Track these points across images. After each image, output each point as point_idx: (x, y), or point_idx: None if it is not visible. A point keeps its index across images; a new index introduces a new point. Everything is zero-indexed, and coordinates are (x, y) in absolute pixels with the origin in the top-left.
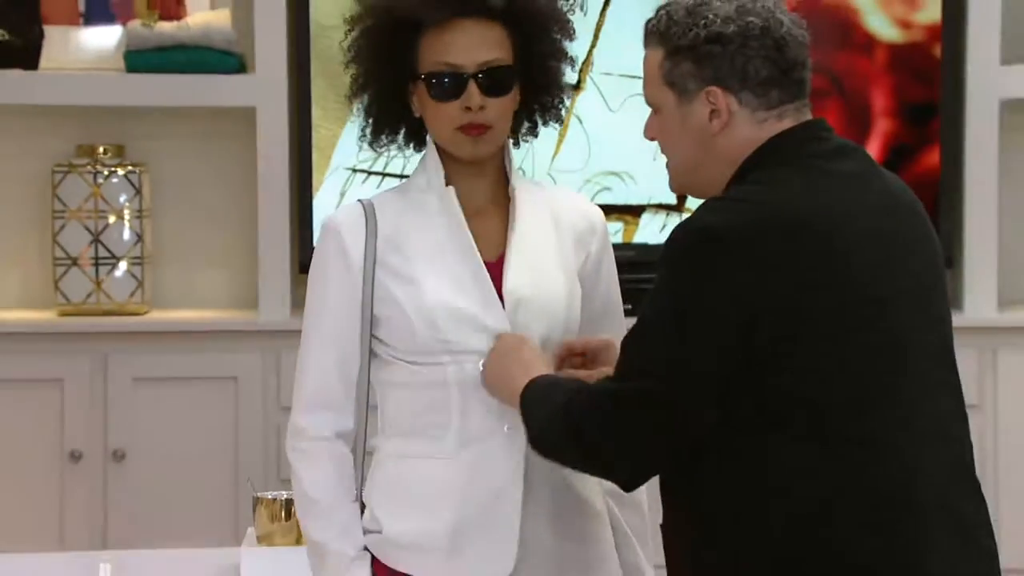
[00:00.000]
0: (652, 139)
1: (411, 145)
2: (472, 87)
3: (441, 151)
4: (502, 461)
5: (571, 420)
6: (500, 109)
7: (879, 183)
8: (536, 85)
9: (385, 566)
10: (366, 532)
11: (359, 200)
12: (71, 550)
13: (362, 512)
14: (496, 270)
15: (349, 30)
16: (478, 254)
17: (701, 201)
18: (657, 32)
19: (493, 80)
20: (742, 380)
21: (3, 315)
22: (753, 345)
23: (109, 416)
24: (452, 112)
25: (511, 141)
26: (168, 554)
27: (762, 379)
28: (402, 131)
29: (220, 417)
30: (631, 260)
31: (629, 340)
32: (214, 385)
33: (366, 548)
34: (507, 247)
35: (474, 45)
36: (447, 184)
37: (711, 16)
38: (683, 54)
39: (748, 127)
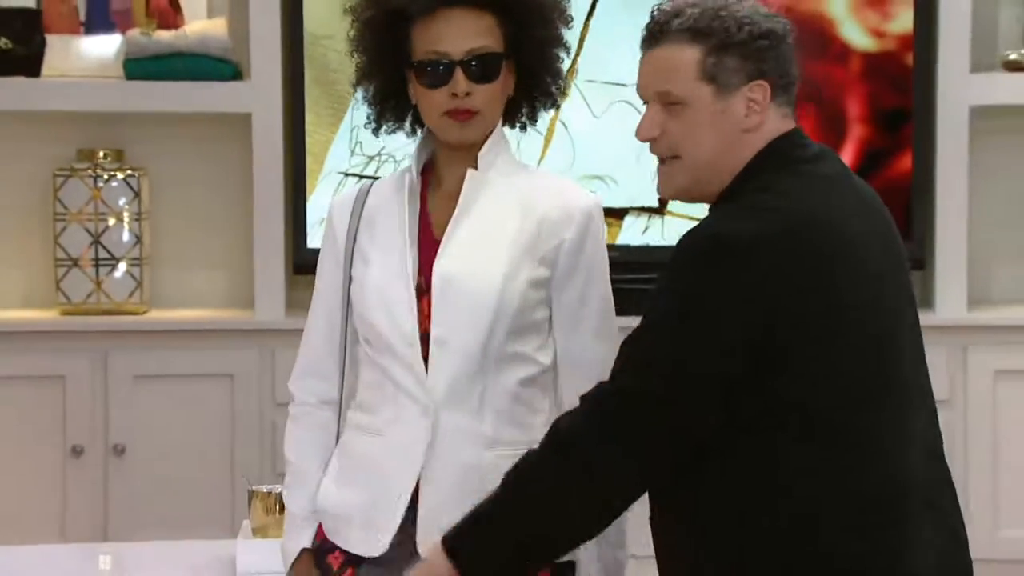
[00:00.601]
0: (649, 139)
1: (416, 131)
2: (459, 74)
3: (433, 136)
4: (426, 445)
5: (557, 441)
6: (487, 95)
7: (853, 184)
8: (530, 71)
9: (323, 531)
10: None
11: (363, 184)
12: (72, 542)
13: None
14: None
15: (353, 21)
16: (408, 242)
17: (680, 203)
18: (691, 30)
19: (480, 67)
20: (746, 383)
21: (6, 314)
22: (757, 348)
23: (109, 412)
24: (440, 98)
25: (505, 126)
26: (166, 546)
27: (765, 382)
28: (405, 118)
29: (217, 413)
30: (614, 261)
31: (630, 341)
32: (211, 382)
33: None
34: (448, 228)
35: (461, 33)
36: (430, 167)
37: (746, 14)
38: (731, 50)
39: (773, 123)
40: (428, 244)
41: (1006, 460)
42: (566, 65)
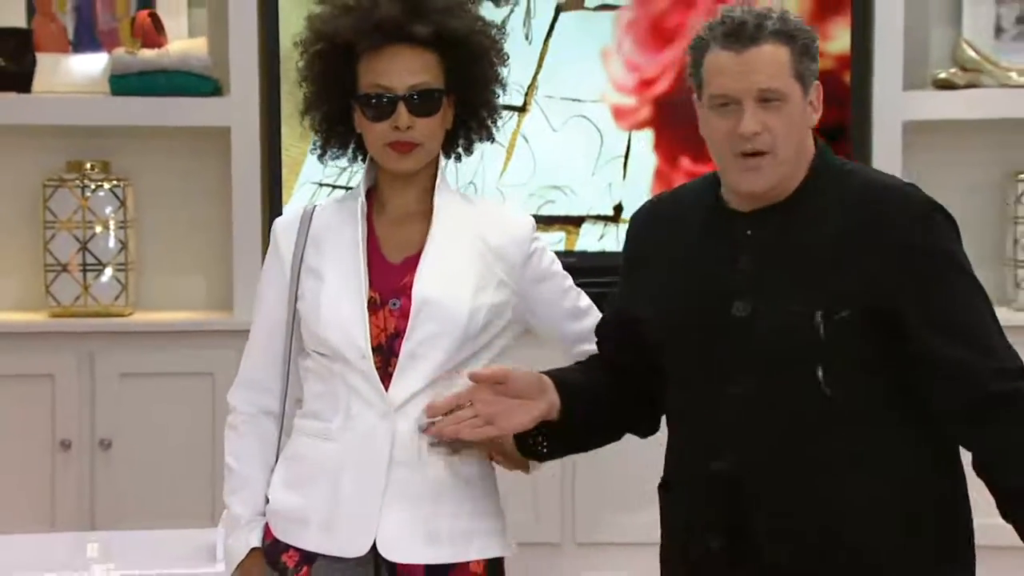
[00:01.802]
0: (757, 133)
1: (358, 158)
2: (401, 108)
3: (376, 163)
4: (382, 448)
5: None
6: (428, 128)
7: None
8: (468, 106)
9: (272, 533)
10: (268, 501)
11: (307, 205)
12: (62, 531)
13: None
14: (400, 271)
15: (301, 53)
16: (363, 264)
17: (623, 210)
18: (783, 32)
19: (421, 102)
20: None
21: None
22: None
23: (96, 408)
24: (383, 130)
25: (443, 156)
26: (150, 534)
27: None
28: (349, 145)
29: (198, 409)
30: (573, 266)
31: (979, 338)
32: (192, 380)
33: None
34: (422, 252)
35: (404, 70)
36: (373, 193)
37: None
38: (810, 51)
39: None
40: (380, 264)
41: None
42: (496, 99)
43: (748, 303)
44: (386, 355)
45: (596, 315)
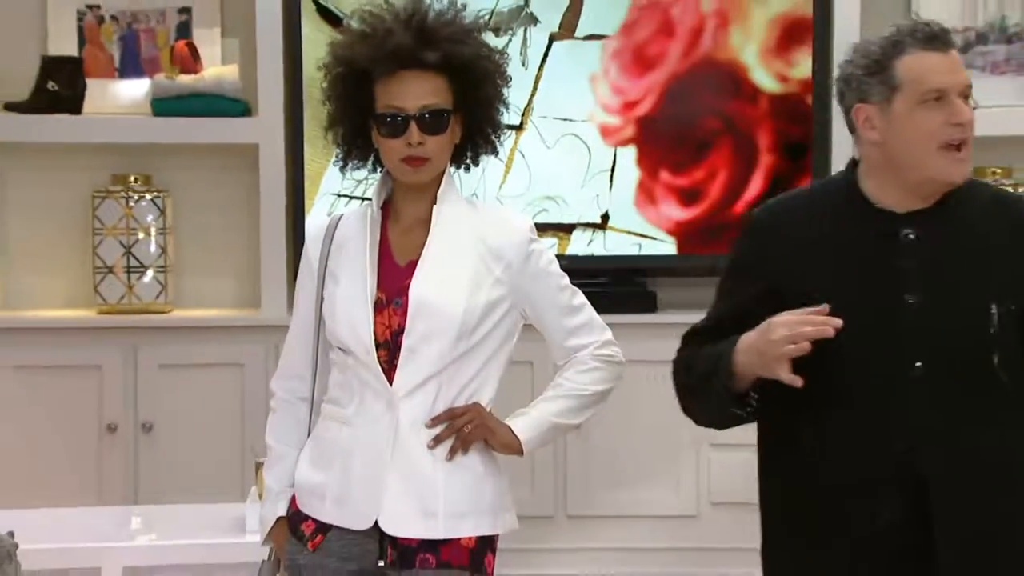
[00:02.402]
0: (970, 120)
1: (376, 169)
2: (413, 127)
3: (391, 175)
4: (384, 442)
5: None
6: (437, 145)
7: None
8: (474, 123)
9: (296, 504)
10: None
11: (335, 214)
12: (108, 505)
13: None
14: (404, 273)
15: (324, 75)
16: (369, 267)
17: (619, 220)
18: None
19: (431, 121)
20: None
21: (52, 313)
22: None
23: (139, 395)
24: (397, 146)
25: (452, 168)
26: (187, 508)
27: None
28: (368, 158)
29: (229, 396)
30: (564, 268)
31: None
32: (224, 370)
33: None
34: (420, 256)
35: (416, 92)
36: (389, 203)
37: None
38: None
39: None
40: (389, 267)
41: None
42: (510, 107)
43: (918, 296)
44: (392, 350)
45: (589, 312)
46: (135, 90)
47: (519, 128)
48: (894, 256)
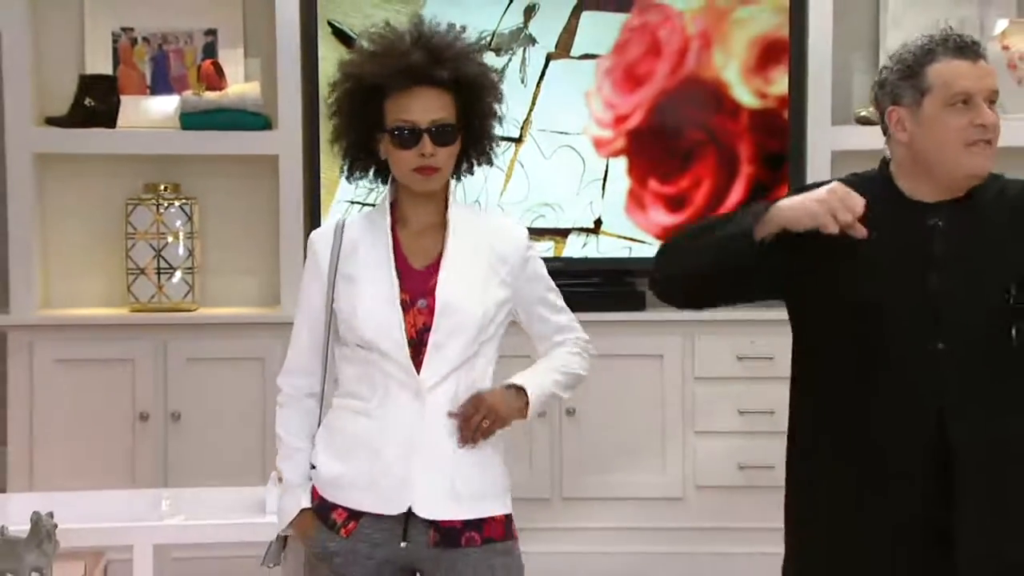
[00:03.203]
0: (994, 123)
1: (379, 179)
2: (425, 139)
3: (400, 184)
4: (411, 430)
5: None
6: (446, 155)
7: None
8: (473, 137)
9: (319, 494)
10: (312, 467)
11: (338, 219)
12: (140, 488)
13: None
14: (424, 276)
15: (331, 90)
16: (394, 271)
17: (611, 224)
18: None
19: (441, 134)
20: None
21: (89, 311)
22: None
23: (168, 387)
24: (410, 157)
25: (453, 178)
26: (212, 491)
27: None
28: (371, 169)
29: (251, 388)
30: (560, 270)
31: None
32: (246, 364)
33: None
34: (441, 259)
35: (427, 107)
36: (397, 209)
37: None
38: None
39: None
40: (407, 270)
41: None
42: (496, 131)
43: (944, 277)
44: (417, 346)
45: (569, 312)
46: (165, 106)
47: (519, 140)
48: (924, 242)
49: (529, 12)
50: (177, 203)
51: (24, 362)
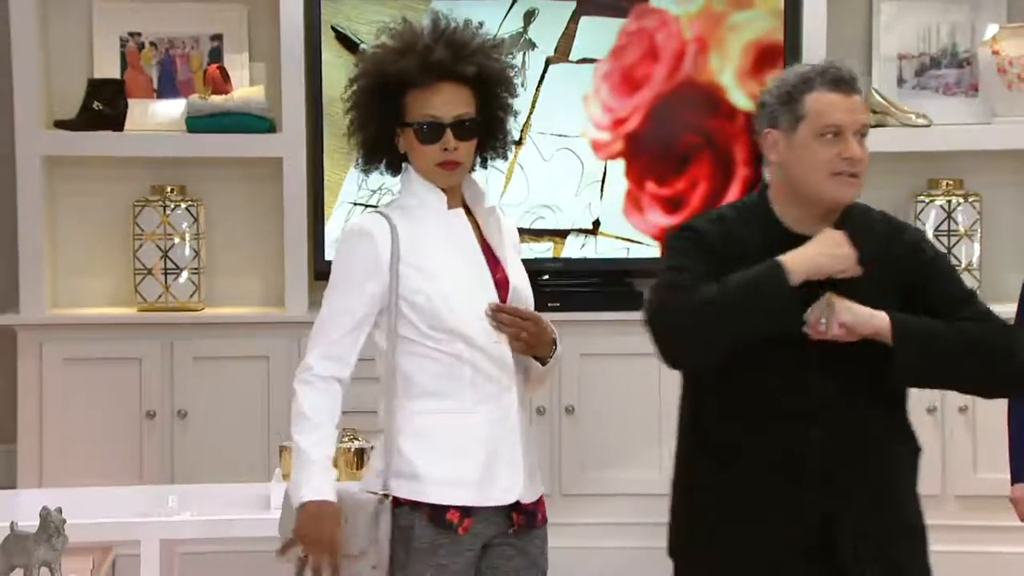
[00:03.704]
0: (861, 159)
1: (389, 172)
2: (449, 134)
3: (414, 177)
4: (506, 417)
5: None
6: (467, 149)
7: None
8: (491, 132)
9: (412, 501)
10: (396, 475)
11: (378, 212)
12: (147, 484)
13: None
14: (490, 264)
15: (350, 84)
16: (484, 259)
17: (608, 225)
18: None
19: (464, 129)
20: None
21: (97, 311)
22: None
23: (175, 385)
24: (434, 152)
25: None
26: (218, 487)
27: None
28: (382, 162)
29: (256, 386)
30: (559, 270)
31: (973, 298)
32: (251, 362)
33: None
34: (500, 250)
35: (450, 102)
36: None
37: None
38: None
39: None
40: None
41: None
42: (512, 125)
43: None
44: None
45: None
46: (172, 109)
47: (518, 143)
48: None
49: (529, 17)
50: (183, 205)
51: (33, 361)
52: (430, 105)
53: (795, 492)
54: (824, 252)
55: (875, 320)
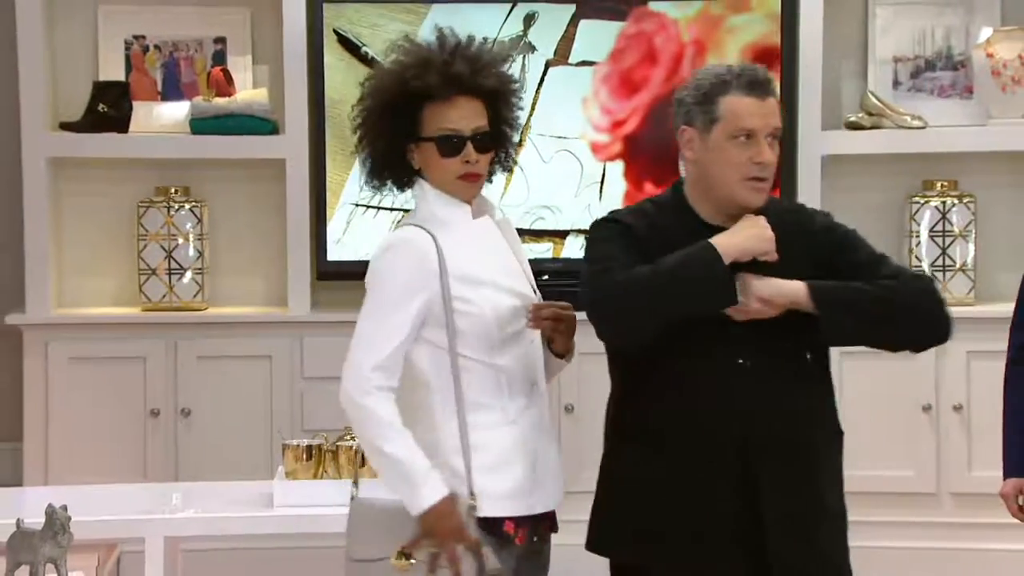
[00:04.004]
0: (771, 163)
1: (398, 188)
2: (469, 147)
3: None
4: (541, 421)
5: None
6: (485, 161)
7: None
8: (501, 143)
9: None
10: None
11: (419, 227)
12: (151, 482)
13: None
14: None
15: (362, 100)
16: (520, 268)
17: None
18: (776, 90)
19: (482, 141)
20: None
21: (102, 311)
22: None
23: (179, 384)
24: (454, 165)
25: None
26: (221, 485)
27: None
28: (388, 179)
29: (259, 385)
30: (559, 270)
31: (883, 259)
32: (255, 361)
33: None
34: (520, 254)
35: (469, 116)
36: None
37: None
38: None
39: None
40: None
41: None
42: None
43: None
44: None
45: None
46: (176, 111)
47: (518, 145)
48: None
49: (528, 20)
50: (187, 206)
51: (39, 360)
52: (449, 119)
53: (718, 476)
54: (750, 235)
55: (791, 289)
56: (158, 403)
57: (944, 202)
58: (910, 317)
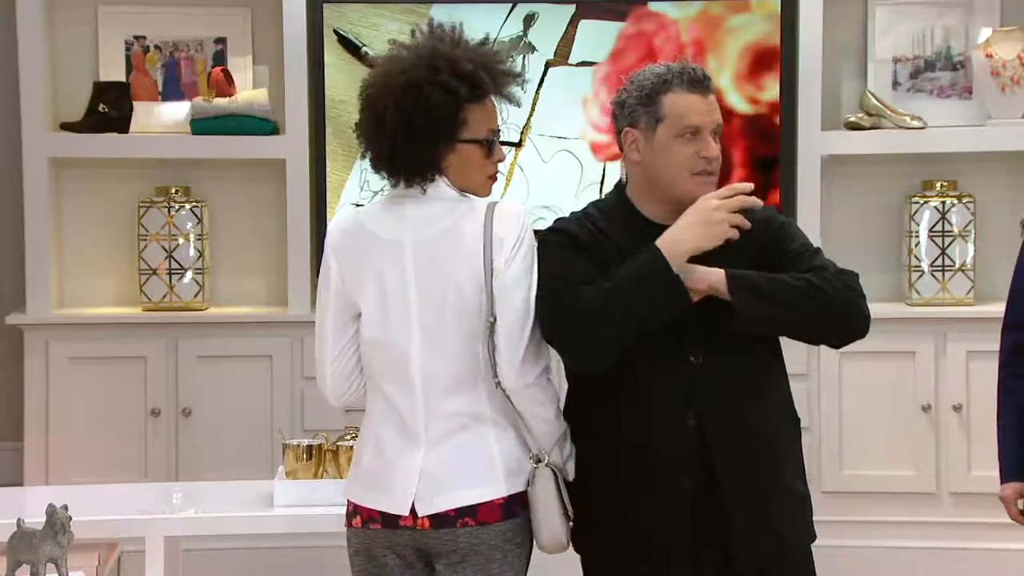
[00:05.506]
0: (717, 157)
1: (415, 183)
2: (497, 146)
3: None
4: None
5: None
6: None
7: None
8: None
9: None
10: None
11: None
12: (152, 481)
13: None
14: None
15: (386, 107)
16: None
17: None
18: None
19: (500, 142)
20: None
21: (102, 311)
22: None
23: (179, 383)
24: (490, 165)
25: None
26: (221, 485)
27: None
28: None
29: (259, 384)
30: None
31: (816, 253)
32: (255, 361)
33: None
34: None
35: (494, 117)
36: None
37: None
38: None
39: None
40: None
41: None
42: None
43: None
44: None
45: None
46: (176, 111)
47: (519, 145)
48: None
49: (528, 21)
50: (188, 206)
51: (40, 360)
52: (487, 120)
53: (679, 472)
54: (698, 235)
55: (710, 276)
56: (158, 403)
57: (943, 202)
58: (826, 310)
